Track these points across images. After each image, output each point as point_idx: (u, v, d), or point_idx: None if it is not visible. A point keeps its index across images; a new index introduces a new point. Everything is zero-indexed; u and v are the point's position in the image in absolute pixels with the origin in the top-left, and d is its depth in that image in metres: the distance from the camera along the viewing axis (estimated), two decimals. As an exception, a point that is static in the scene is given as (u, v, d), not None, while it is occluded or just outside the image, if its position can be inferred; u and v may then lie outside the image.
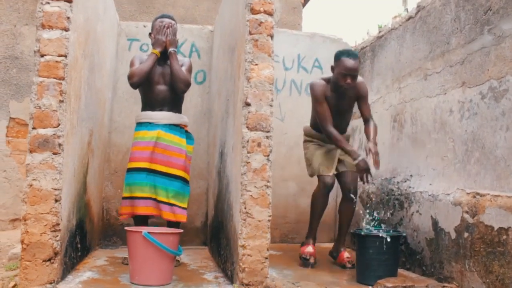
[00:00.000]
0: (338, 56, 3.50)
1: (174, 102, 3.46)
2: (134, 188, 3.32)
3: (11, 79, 5.34)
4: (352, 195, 3.56)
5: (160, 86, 3.41)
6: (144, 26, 4.44)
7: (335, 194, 4.74)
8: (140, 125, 3.45)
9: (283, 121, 4.62)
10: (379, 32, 4.39)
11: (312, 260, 3.46)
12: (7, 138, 5.30)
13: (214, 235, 3.68)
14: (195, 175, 4.22)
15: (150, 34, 3.49)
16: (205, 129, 4.37)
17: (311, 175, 3.74)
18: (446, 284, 2.86)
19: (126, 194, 3.36)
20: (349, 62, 3.42)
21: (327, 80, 3.61)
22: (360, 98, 3.65)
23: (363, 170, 3.38)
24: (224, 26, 3.76)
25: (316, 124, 3.66)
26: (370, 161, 3.38)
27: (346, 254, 3.53)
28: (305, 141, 3.83)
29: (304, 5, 7.32)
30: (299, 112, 4.58)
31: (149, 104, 3.45)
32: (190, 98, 4.20)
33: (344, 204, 3.65)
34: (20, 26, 5.42)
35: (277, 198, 4.39)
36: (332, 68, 3.56)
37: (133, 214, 3.36)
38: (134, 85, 3.37)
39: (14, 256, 3.67)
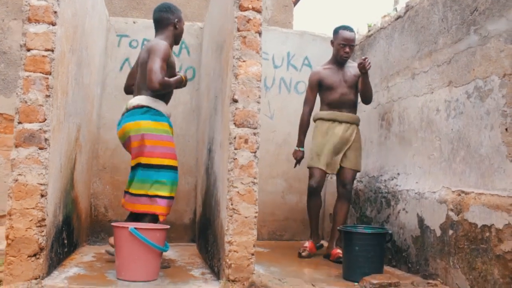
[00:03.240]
0: (337, 30, 3.87)
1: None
2: (175, 188, 3.17)
3: (-2, 74, 5.30)
4: (346, 191, 3.70)
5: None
6: (134, 22, 4.43)
7: (323, 193, 4.77)
8: (161, 115, 3.15)
9: (272, 119, 4.63)
10: (369, 31, 4.42)
11: (304, 254, 3.68)
12: (-5, 133, 5.26)
13: (202, 231, 3.68)
14: (184, 172, 4.22)
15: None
16: (194, 126, 4.37)
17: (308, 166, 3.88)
18: (431, 281, 2.89)
19: (172, 194, 3.12)
20: (346, 33, 3.81)
21: (327, 62, 3.96)
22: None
23: (295, 158, 3.91)
24: (213, 24, 3.76)
25: (323, 106, 3.91)
26: None
27: (338, 250, 3.60)
28: (314, 130, 3.90)
29: (295, 3, 7.33)
30: (289, 110, 4.60)
31: (166, 95, 3.27)
32: (179, 95, 4.19)
33: (338, 203, 3.75)
34: (8, 21, 5.37)
35: (265, 195, 4.42)
36: (332, 42, 3.90)
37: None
38: (156, 92, 3.08)
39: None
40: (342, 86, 3.82)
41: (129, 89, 3.49)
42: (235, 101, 2.70)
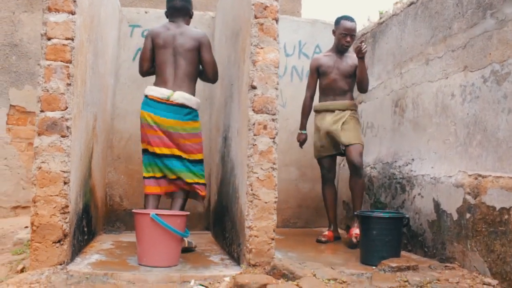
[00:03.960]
0: (338, 20, 3.96)
1: None
2: None
3: (10, 66, 5.34)
4: (356, 167, 3.72)
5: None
6: (146, 12, 4.45)
7: (336, 179, 4.79)
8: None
9: (284, 107, 4.65)
10: (380, 18, 4.41)
11: (323, 239, 3.78)
12: (8, 125, 5.31)
13: (218, 219, 3.72)
14: (198, 161, 4.25)
15: None
16: (207, 115, 4.39)
17: (315, 158, 4.06)
18: (448, 264, 2.92)
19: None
20: (347, 23, 3.90)
21: (329, 49, 4.07)
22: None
23: (298, 141, 4.06)
24: (227, 12, 3.77)
25: (320, 94, 4.04)
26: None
27: (355, 230, 3.60)
28: (314, 123, 4.05)
29: (303, -8, 7.31)
30: (300, 98, 4.57)
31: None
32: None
33: (352, 180, 3.81)
34: (19, 13, 5.40)
35: (279, 183, 4.37)
36: (334, 32, 3.99)
37: None
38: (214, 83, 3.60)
39: (19, 241, 3.69)
40: (334, 73, 3.92)
41: (149, 72, 3.43)
42: (254, 87, 2.72)
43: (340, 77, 3.92)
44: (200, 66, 3.42)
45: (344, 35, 3.89)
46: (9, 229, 4.54)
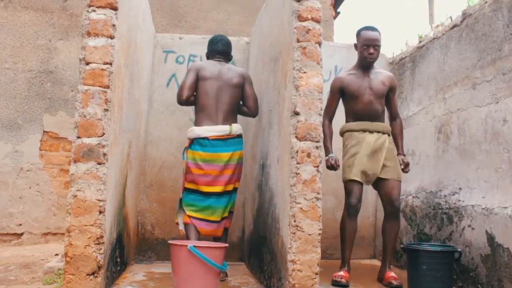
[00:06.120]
0: (359, 31, 3.54)
1: None
2: None
3: (45, 93, 5.36)
4: (395, 209, 3.33)
5: None
6: (180, 38, 4.42)
7: (374, 208, 4.60)
8: None
9: (320, 133, 4.50)
10: (420, 42, 4.28)
11: (344, 281, 3.19)
12: (40, 151, 5.30)
13: (254, 250, 3.56)
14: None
15: None
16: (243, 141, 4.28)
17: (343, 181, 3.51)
18: (506, 304, 2.69)
19: None
20: (369, 33, 3.46)
21: (352, 67, 3.62)
22: (392, 90, 3.55)
23: (328, 166, 3.40)
24: (263, 37, 3.70)
25: (348, 117, 3.56)
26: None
27: (391, 273, 3.29)
28: (344, 144, 3.55)
29: (335, 17, 7.25)
30: (336, 125, 4.46)
31: None
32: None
33: (387, 222, 3.40)
34: (55, 41, 5.46)
35: (315, 212, 4.26)
36: (355, 46, 3.58)
37: None
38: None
39: (50, 270, 3.60)
40: (368, 94, 3.44)
41: (189, 102, 3.38)
42: (297, 113, 2.60)
43: (375, 99, 3.45)
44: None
45: (367, 47, 3.44)
46: (40, 256, 4.48)
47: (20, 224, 5.19)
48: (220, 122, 3.31)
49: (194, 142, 3.29)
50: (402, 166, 3.41)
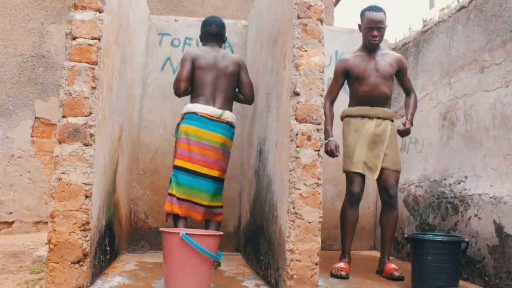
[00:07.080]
0: (362, 12, 3.36)
1: None
2: None
3: (37, 78, 5.19)
4: (391, 198, 3.19)
5: None
6: (176, 20, 4.26)
7: (375, 198, 4.46)
8: None
9: (320, 120, 4.35)
10: (424, 26, 4.12)
11: (344, 273, 3.06)
12: (32, 138, 5.14)
13: (251, 239, 3.42)
14: (228, 178, 3.95)
15: None
16: (238, 129, 4.13)
17: (343, 171, 3.36)
18: (516, 297, 2.56)
19: None
20: (372, 14, 3.28)
21: (358, 49, 3.44)
22: (401, 71, 3.38)
23: (327, 151, 3.22)
24: (262, 18, 3.54)
25: (352, 101, 3.39)
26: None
27: (392, 265, 3.15)
28: (343, 131, 3.39)
29: (335, 4, 7.08)
30: (337, 111, 4.31)
31: None
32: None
33: (385, 213, 3.26)
34: (47, 24, 5.28)
35: (314, 202, 4.12)
36: (359, 27, 3.41)
37: None
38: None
39: (38, 259, 3.47)
40: (374, 76, 3.26)
41: (186, 92, 3.36)
42: (297, 94, 2.44)
43: (382, 81, 3.26)
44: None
45: (370, 29, 3.25)
46: (30, 245, 4.33)
47: (11, 213, 5.04)
48: (217, 107, 3.31)
49: (186, 116, 3.27)
50: (401, 128, 3.23)
